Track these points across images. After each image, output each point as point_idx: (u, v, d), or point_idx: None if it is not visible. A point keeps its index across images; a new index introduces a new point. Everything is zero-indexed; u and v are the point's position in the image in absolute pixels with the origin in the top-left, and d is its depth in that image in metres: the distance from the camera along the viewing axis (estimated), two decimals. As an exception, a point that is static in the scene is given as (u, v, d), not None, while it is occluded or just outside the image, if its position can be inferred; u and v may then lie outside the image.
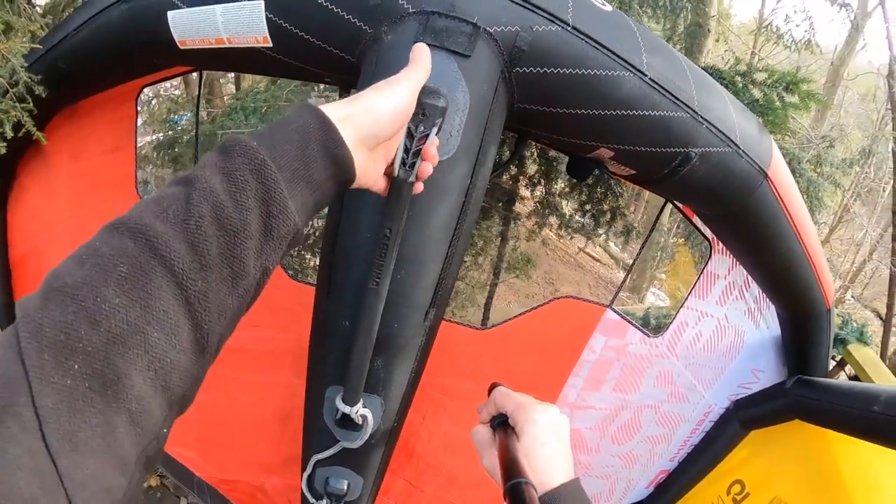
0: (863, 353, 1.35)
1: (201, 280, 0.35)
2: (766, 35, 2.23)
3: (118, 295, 0.32)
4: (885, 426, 0.95)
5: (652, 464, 1.41)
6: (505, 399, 0.61)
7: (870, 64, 6.47)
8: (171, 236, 0.34)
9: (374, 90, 0.49)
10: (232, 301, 0.38)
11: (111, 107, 1.11)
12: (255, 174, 0.39)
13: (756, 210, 0.93)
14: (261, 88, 2.01)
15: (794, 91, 1.32)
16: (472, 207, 0.75)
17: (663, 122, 0.79)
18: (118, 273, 0.32)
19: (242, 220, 0.38)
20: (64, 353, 0.29)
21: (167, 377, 0.34)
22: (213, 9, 0.78)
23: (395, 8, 0.65)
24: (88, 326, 0.30)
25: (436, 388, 1.26)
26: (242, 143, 0.40)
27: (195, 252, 0.35)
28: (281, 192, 0.40)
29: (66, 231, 1.20)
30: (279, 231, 0.40)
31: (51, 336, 0.29)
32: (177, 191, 0.37)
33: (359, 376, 0.69)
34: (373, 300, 0.63)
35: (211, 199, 0.37)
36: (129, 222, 0.35)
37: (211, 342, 0.37)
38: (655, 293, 7.64)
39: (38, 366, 0.28)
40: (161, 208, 0.36)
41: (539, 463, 0.54)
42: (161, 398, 0.34)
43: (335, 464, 0.90)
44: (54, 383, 0.28)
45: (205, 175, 0.38)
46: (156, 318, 0.33)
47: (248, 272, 0.39)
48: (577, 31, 0.68)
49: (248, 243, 0.38)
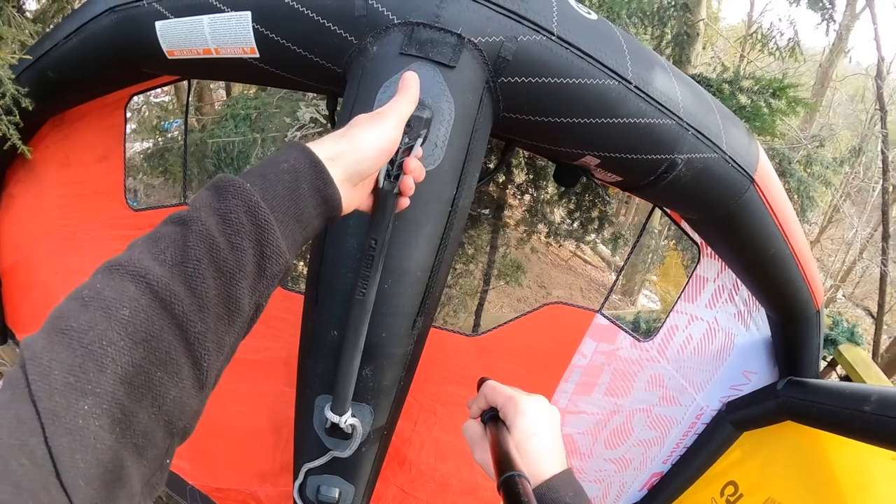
0: (853, 353, 1.36)
1: (200, 321, 0.37)
2: (752, 43, 2.26)
3: (123, 338, 0.33)
4: (876, 426, 0.96)
5: (645, 467, 1.42)
6: (494, 392, 0.61)
7: (858, 65, 6.52)
8: (170, 280, 0.36)
9: (362, 127, 0.50)
10: (229, 338, 0.40)
11: (100, 115, 1.11)
12: (250, 216, 0.40)
13: (743, 214, 0.94)
14: (250, 95, 2.01)
15: (780, 97, 1.34)
16: (458, 216, 0.75)
17: (649, 130, 0.79)
18: (121, 316, 0.34)
19: (238, 261, 0.39)
20: (74, 396, 0.31)
21: (170, 413, 0.35)
22: (201, 19, 0.78)
23: (380, 19, 0.65)
24: (96, 369, 0.32)
25: (427, 394, 1.26)
26: (236, 183, 0.41)
27: (194, 294, 0.37)
28: (274, 233, 0.41)
29: (55, 240, 1.19)
30: (272, 270, 0.42)
31: (61, 379, 0.31)
32: (173, 231, 0.39)
33: (347, 386, 0.69)
34: (359, 311, 0.63)
35: (207, 241, 0.38)
36: (128, 265, 0.36)
37: (210, 378, 0.39)
38: (647, 295, 7.67)
39: (50, 408, 0.30)
40: (159, 250, 0.37)
41: (531, 455, 0.54)
42: (164, 431, 0.36)
43: (326, 472, 0.90)
44: (66, 424, 0.30)
45: (200, 217, 0.39)
46: (158, 358, 0.35)
47: (244, 309, 0.41)
48: (562, 41, 0.68)
49: (243, 283, 0.40)
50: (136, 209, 1.17)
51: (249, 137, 1.81)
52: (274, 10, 0.71)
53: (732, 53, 6.83)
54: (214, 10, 0.76)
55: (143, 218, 1.17)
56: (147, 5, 0.81)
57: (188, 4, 0.78)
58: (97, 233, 1.19)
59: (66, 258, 1.20)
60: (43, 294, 1.23)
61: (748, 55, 5.94)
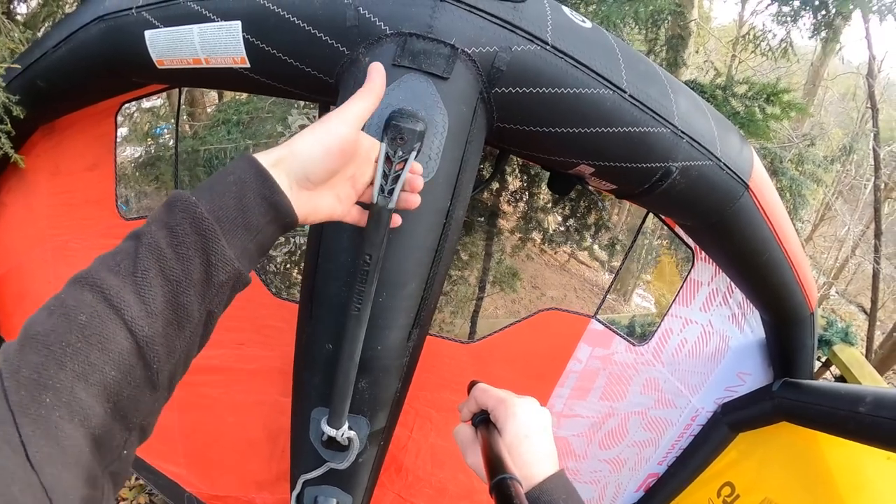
0: (848, 353, 1.37)
1: (148, 326, 0.40)
2: (744, 44, 2.27)
3: (79, 340, 0.37)
4: (871, 426, 0.97)
5: (640, 467, 1.43)
6: (485, 395, 0.61)
7: (849, 63, 6.52)
8: (121, 288, 0.40)
9: (308, 131, 0.51)
10: (180, 343, 0.43)
11: (90, 123, 1.09)
12: (195, 227, 0.43)
13: (738, 220, 0.94)
14: (242, 100, 1.99)
15: (774, 102, 1.34)
16: (453, 228, 0.75)
17: (643, 138, 0.79)
18: (79, 321, 0.38)
19: (185, 270, 0.42)
20: (38, 390, 0.35)
21: (124, 408, 0.39)
22: (191, 29, 0.77)
23: (372, 30, 0.64)
24: (56, 367, 0.36)
25: (422, 402, 1.26)
26: (184, 198, 0.44)
27: (142, 302, 0.40)
28: (219, 242, 0.44)
29: (47, 249, 1.18)
30: (219, 277, 0.44)
31: (26, 376, 0.36)
32: (128, 245, 0.43)
33: (343, 400, 0.69)
34: (354, 325, 0.63)
35: (156, 252, 0.41)
36: (87, 277, 0.40)
37: (161, 379, 0.42)
38: (642, 294, 7.71)
39: (18, 401, 0.34)
40: (115, 262, 0.41)
41: (523, 457, 0.54)
42: (120, 424, 0.40)
43: (323, 482, 0.89)
44: (31, 414, 0.34)
45: (150, 231, 0.43)
46: (112, 359, 0.38)
47: (193, 316, 0.43)
48: (557, 50, 0.68)
49: (190, 291, 0.42)
50: (128, 218, 1.16)
51: (241, 144, 1.79)
52: (264, 20, 0.70)
53: (724, 53, 6.84)
54: (204, 19, 0.75)
55: (134, 226, 1.16)
56: (136, 14, 0.80)
57: (177, 14, 0.77)
58: (89, 242, 1.18)
59: (58, 267, 1.18)
60: (35, 303, 1.20)
61: (740, 55, 5.96)
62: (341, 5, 0.65)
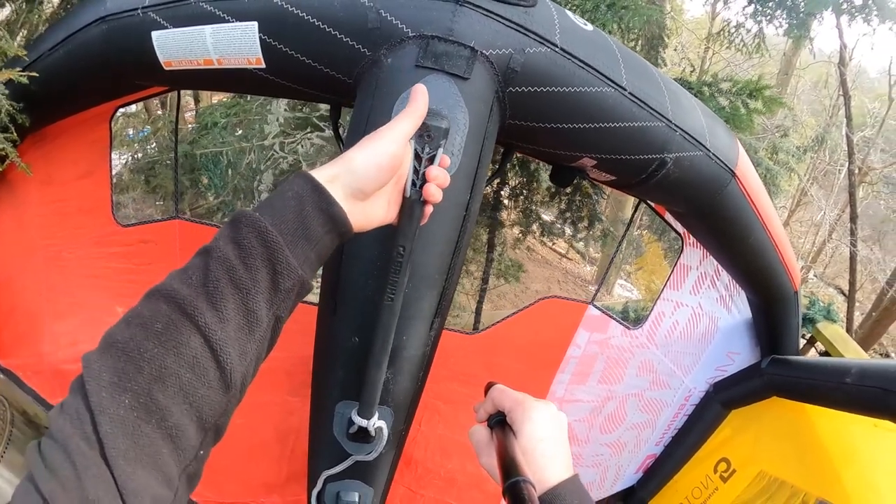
0: (831, 330, 1.44)
1: (220, 330, 0.43)
2: (720, 41, 2.38)
3: (156, 346, 0.40)
4: (858, 396, 1.04)
5: (639, 449, 1.49)
6: (502, 397, 0.61)
7: (820, 52, 6.75)
8: (194, 297, 0.43)
9: (359, 148, 0.54)
10: (250, 346, 0.46)
11: (83, 129, 1.07)
12: (260, 240, 0.46)
13: (726, 205, 1.01)
14: (228, 102, 1.96)
15: (757, 97, 1.44)
16: (470, 220, 0.78)
17: (641, 132, 0.85)
18: (155, 329, 0.41)
19: (253, 278, 0.45)
20: (117, 392, 0.38)
21: (199, 408, 0.42)
22: (203, 29, 0.77)
23: (394, 32, 0.67)
24: (135, 371, 0.39)
25: (430, 394, 1.28)
26: (248, 214, 0.47)
27: (214, 308, 0.43)
28: (283, 252, 0.47)
29: (39, 261, 1.14)
30: (286, 284, 0.48)
31: (107, 379, 0.38)
32: (198, 260, 0.46)
33: (374, 390, 0.71)
34: (388, 316, 0.65)
35: (225, 264, 0.45)
36: (161, 290, 0.44)
37: (234, 380, 0.45)
38: (623, 285, 7.94)
39: (98, 402, 0.37)
40: (187, 276, 0.45)
41: (538, 461, 0.54)
42: (196, 425, 0.42)
43: (345, 477, 0.91)
44: (110, 413, 0.37)
45: (219, 246, 0.46)
46: (187, 362, 0.41)
47: (262, 321, 0.46)
48: (565, 52, 0.72)
49: (259, 297, 0.46)
50: (126, 225, 1.14)
51: (237, 147, 1.77)
52: (282, 20, 0.72)
53: (697, 46, 7.03)
54: (217, 20, 0.76)
55: (132, 234, 1.14)
56: (142, 15, 0.80)
57: (188, 14, 0.77)
58: (84, 251, 1.15)
59: (50, 278, 1.15)
60: (27, 317, 1.17)
61: (713, 48, 6.17)
62: (362, 7, 0.67)
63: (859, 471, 1.13)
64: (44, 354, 1.20)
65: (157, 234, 1.14)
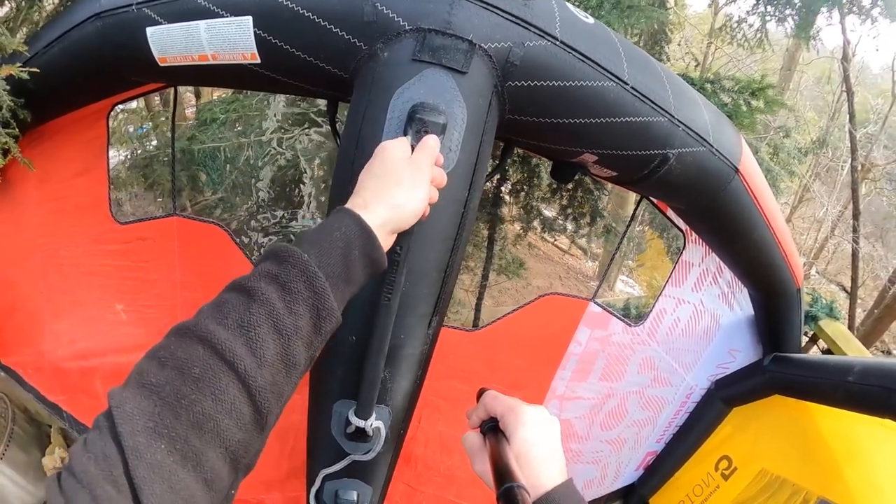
0: (833, 327, 1.43)
1: (260, 376, 0.43)
2: (722, 36, 2.36)
3: (194, 392, 0.40)
4: (860, 395, 1.02)
5: (639, 446, 1.48)
6: (494, 403, 0.60)
7: (822, 47, 6.64)
8: (232, 342, 0.42)
9: (405, 189, 0.56)
10: (288, 388, 0.46)
11: (80, 127, 1.06)
12: (307, 284, 0.46)
13: (729, 202, 1.00)
14: (228, 98, 1.95)
15: (759, 97, 1.42)
16: (469, 217, 0.77)
17: (643, 127, 0.83)
18: (192, 374, 0.41)
19: (295, 324, 0.45)
20: (153, 437, 0.37)
21: (235, 452, 0.42)
22: (197, 24, 0.76)
23: (390, 25, 0.66)
24: (172, 417, 0.39)
25: (430, 391, 1.28)
26: (295, 254, 0.47)
27: (254, 355, 0.43)
28: (329, 298, 0.47)
29: (36, 260, 1.14)
30: (326, 328, 0.48)
31: (142, 423, 0.38)
32: (236, 298, 0.45)
33: (372, 390, 0.70)
34: (385, 315, 0.64)
35: (267, 307, 0.44)
36: (195, 329, 0.43)
37: (270, 421, 0.45)
38: (625, 280, 7.92)
39: (133, 446, 0.36)
40: (222, 314, 0.44)
41: (531, 466, 0.53)
42: (230, 467, 0.42)
43: (343, 476, 0.90)
44: (148, 460, 0.36)
45: (261, 286, 0.45)
46: (224, 408, 0.41)
47: (300, 364, 0.47)
48: (565, 45, 0.71)
49: (299, 342, 0.46)
50: (124, 222, 1.13)
51: (235, 142, 1.76)
52: (277, 14, 0.70)
53: (700, 41, 6.98)
54: (212, 14, 0.75)
55: (130, 231, 1.14)
56: (136, 11, 0.79)
57: (183, 9, 0.76)
58: (81, 248, 1.14)
59: (49, 277, 1.15)
60: (27, 316, 1.17)
61: (716, 42, 6.12)
62: (358, 1, 0.66)
63: (861, 470, 1.12)
64: (44, 353, 1.20)
65: (156, 231, 1.13)
